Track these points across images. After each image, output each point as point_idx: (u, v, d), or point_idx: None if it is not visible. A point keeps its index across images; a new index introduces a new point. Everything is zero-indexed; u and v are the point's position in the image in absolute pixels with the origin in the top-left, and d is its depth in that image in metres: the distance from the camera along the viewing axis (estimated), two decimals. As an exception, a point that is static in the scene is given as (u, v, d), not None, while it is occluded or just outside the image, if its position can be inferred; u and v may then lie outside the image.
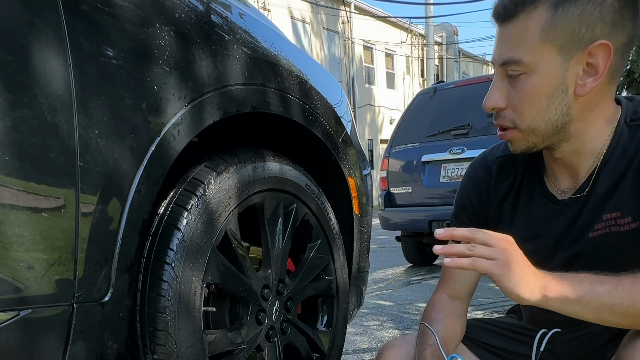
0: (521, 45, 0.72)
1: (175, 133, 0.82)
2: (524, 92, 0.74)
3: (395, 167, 4.23)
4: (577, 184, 0.82)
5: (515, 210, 0.89)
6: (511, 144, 0.81)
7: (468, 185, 0.94)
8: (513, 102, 0.75)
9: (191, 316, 0.88)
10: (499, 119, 0.78)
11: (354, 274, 1.39)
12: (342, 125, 1.29)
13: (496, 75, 0.77)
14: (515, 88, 0.75)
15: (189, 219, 0.87)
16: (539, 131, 0.77)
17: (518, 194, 0.89)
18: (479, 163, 0.95)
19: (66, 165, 0.69)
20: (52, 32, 0.68)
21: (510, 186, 0.90)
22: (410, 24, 18.09)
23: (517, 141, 0.79)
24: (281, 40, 1.13)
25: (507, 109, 0.76)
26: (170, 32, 0.82)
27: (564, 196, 0.83)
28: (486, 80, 4.08)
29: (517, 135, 0.78)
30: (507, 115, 0.77)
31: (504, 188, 0.90)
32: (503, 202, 0.90)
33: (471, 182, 0.94)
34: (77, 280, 0.72)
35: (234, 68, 0.93)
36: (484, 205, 0.92)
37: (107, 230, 0.75)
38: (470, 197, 0.93)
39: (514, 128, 0.77)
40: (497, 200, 0.91)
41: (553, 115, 0.75)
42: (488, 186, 0.91)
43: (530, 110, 0.75)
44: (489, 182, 0.91)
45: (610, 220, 0.78)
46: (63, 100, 0.69)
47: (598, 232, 0.79)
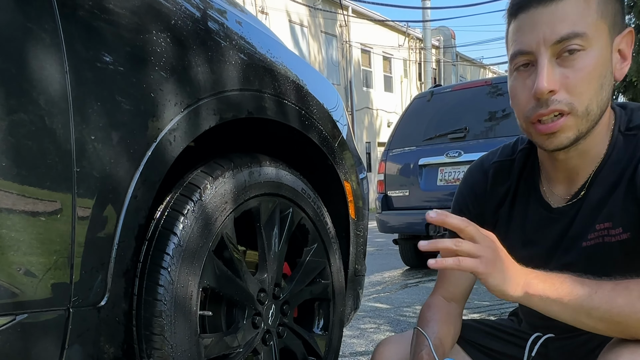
0: (583, 19, 0.69)
1: (171, 138, 0.83)
2: (584, 70, 0.70)
3: (393, 171, 4.24)
4: (571, 191, 0.82)
5: (512, 216, 0.89)
6: (558, 135, 0.74)
7: (465, 190, 0.95)
8: (570, 82, 0.71)
9: (187, 320, 0.88)
10: (554, 103, 0.72)
11: (351, 278, 1.40)
12: (338, 130, 1.30)
13: (543, 57, 0.71)
14: (572, 67, 0.70)
15: (185, 223, 0.88)
16: (592, 115, 0.73)
17: (514, 199, 0.89)
18: (475, 167, 0.95)
19: (63, 170, 0.70)
20: (49, 38, 0.69)
21: (506, 191, 0.90)
22: (408, 28, 18.15)
23: (569, 129, 0.73)
24: (277, 45, 1.14)
25: (561, 92, 0.71)
26: (167, 38, 0.83)
27: (558, 204, 0.83)
28: (482, 84, 4.10)
29: (570, 122, 0.73)
30: (563, 99, 0.71)
31: (501, 193, 0.90)
32: (499, 207, 0.91)
33: (468, 187, 0.94)
34: (73, 284, 0.73)
35: (230, 74, 0.94)
36: (481, 209, 0.93)
37: (103, 235, 0.75)
38: (467, 201, 0.94)
39: (569, 113, 0.72)
40: (493, 204, 0.91)
41: (604, 98, 0.73)
42: (484, 190, 0.92)
43: (588, 90, 0.71)
44: (485, 186, 0.92)
45: (602, 230, 0.78)
46: (60, 106, 0.69)
47: (591, 241, 0.79)
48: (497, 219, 0.91)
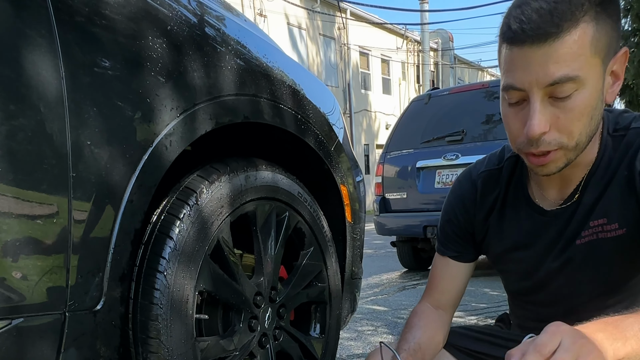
0: (575, 61, 0.68)
1: (167, 143, 0.84)
2: (576, 109, 0.70)
3: (390, 173, 4.25)
4: (564, 195, 0.83)
5: (502, 223, 0.90)
6: (546, 167, 0.75)
7: (454, 200, 0.96)
8: (560, 122, 0.71)
9: (183, 324, 0.89)
10: (543, 144, 0.72)
11: (347, 281, 1.40)
12: (334, 134, 1.30)
13: (535, 98, 0.71)
14: (564, 107, 0.71)
15: (181, 227, 0.88)
16: (581, 146, 0.74)
17: (503, 206, 0.90)
18: (464, 178, 0.96)
19: (58, 174, 0.70)
20: (45, 43, 0.70)
21: (495, 199, 0.91)
22: (406, 31, 18.20)
23: (557, 161, 0.75)
24: (273, 50, 1.15)
25: (551, 132, 0.72)
26: (163, 43, 0.84)
27: (551, 207, 0.84)
28: (480, 87, 4.11)
29: (559, 155, 0.74)
30: (553, 139, 0.72)
31: (489, 202, 0.91)
32: (489, 215, 0.92)
33: (457, 197, 0.95)
34: (69, 288, 0.73)
35: (226, 79, 0.95)
36: (470, 219, 0.94)
37: (99, 239, 0.76)
38: (456, 211, 0.95)
39: (558, 149, 0.73)
40: (482, 214, 0.92)
41: (594, 126, 0.74)
42: (474, 200, 0.93)
43: (578, 126, 0.72)
44: (474, 196, 0.93)
45: (597, 227, 0.79)
46: (55, 111, 0.70)
47: (585, 238, 0.81)
48: (487, 227, 0.92)
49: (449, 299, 0.94)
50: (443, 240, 0.97)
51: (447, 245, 0.96)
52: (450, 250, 0.96)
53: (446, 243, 0.96)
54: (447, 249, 0.96)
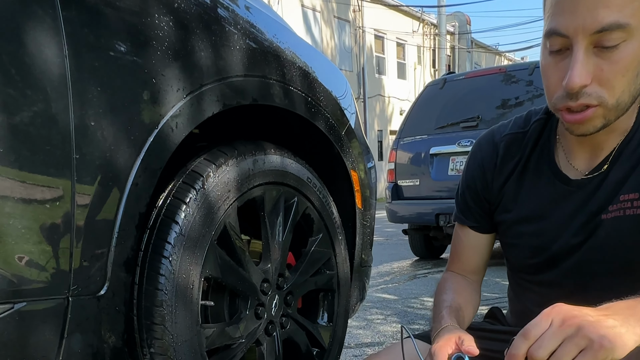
0: (627, 7, 0.63)
1: (173, 125, 0.81)
2: (621, 62, 0.66)
3: (403, 160, 4.20)
4: (592, 164, 0.78)
5: (520, 189, 0.85)
6: (582, 125, 0.70)
7: (472, 164, 0.91)
8: (603, 75, 0.66)
9: (189, 310, 0.87)
10: (583, 97, 0.67)
11: (356, 268, 1.38)
12: (345, 118, 1.27)
13: (579, 47, 0.66)
14: (609, 59, 0.66)
15: (187, 212, 0.87)
16: (623, 105, 0.69)
17: (523, 172, 0.85)
18: (485, 140, 0.90)
19: (62, 156, 0.69)
20: (47, 21, 0.67)
21: (516, 164, 0.85)
22: (423, 13, 17.86)
23: (596, 119, 0.69)
24: (283, 30, 1.11)
25: (592, 85, 0.67)
26: (169, 22, 0.81)
27: (576, 176, 0.79)
28: (497, 71, 4.02)
29: (598, 113, 0.69)
30: (593, 92, 0.67)
31: (510, 167, 0.86)
32: (506, 181, 0.86)
33: (476, 161, 0.90)
34: (72, 273, 0.72)
35: (235, 59, 0.92)
36: (487, 185, 0.88)
37: (103, 222, 0.74)
38: (475, 177, 0.89)
39: (597, 105, 0.68)
40: (501, 180, 0.87)
41: (638, 85, 0.69)
42: (494, 165, 0.87)
43: (622, 82, 0.67)
44: (494, 161, 0.87)
45: (626, 202, 0.74)
46: (58, 91, 0.68)
47: (612, 214, 0.75)
48: (502, 194, 0.87)
49: (475, 267, 0.91)
50: (463, 208, 0.92)
51: (467, 214, 0.91)
52: (470, 219, 0.91)
53: (465, 211, 0.91)
54: (467, 217, 0.91)
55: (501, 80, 3.91)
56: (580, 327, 0.53)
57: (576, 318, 0.54)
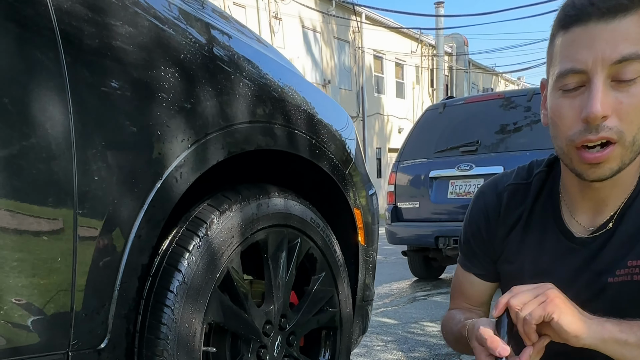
0: None
1: (177, 175, 0.81)
2: (639, 97, 0.65)
3: (403, 182, 4.20)
4: (597, 222, 0.77)
5: (523, 242, 0.84)
6: (602, 165, 0.69)
7: (476, 213, 0.90)
8: (623, 109, 0.66)
9: (190, 358, 0.86)
10: (604, 130, 0.66)
11: (359, 304, 1.37)
12: (349, 156, 1.27)
13: (598, 78, 0.65)
14: (628, 92, 0.66)
15: (190, 260, 0.86)
16: (637, 146, 0.68)
17: (527, 224, 0.84)
18: (488, 188, 0.90)
19: (64, 211, 0.68)
20: (52, 73, 0.67)
21: (519, 216, 0.85)
22: (421, 35, 18.07)
23: (613, 160, 0.69)
24: (286, 72, 1.12)
25: (612, 118, 0.66)
26: (175, 73, 0.81)
27: (581, 234, 0.78)
28: (496, 97, 4.06)
29: (616, 153, 0.68)
30: (614, 126, 0.66)
31: (513, 218, 0.85)
32: (510, 232, 0.86)
33: (480, 209, 0.90)
34: (73, 328, 0.71)
35: (239, 106, 0.92)
36: (492, 233, 0.88)
37: (105, 276, 0.74)
38: (479, 225, 0.89)
39: (615, 143, 0.67)
40: (505, 230, 0.86)
41: None
42: (497, 214, 0.87)
43: (638, 119, 0.66)
44: (498, 210, 0.87)
45: (635, 268, 0.73)
46: (61, 145, 0.68)
47: (619, 278, 0.74)
48: (505, 245, 0.87)
49: (479, 303, 0.93)
50: (468, 255, 0.92)
51: (472, 262, 0.91)
52: (476, 267, 0.91)
53: (471, 259, 0.91)
54: (473, 265, 0.91)
55: (500, 105, 3.94)
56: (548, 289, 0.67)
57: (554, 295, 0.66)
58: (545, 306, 0.64)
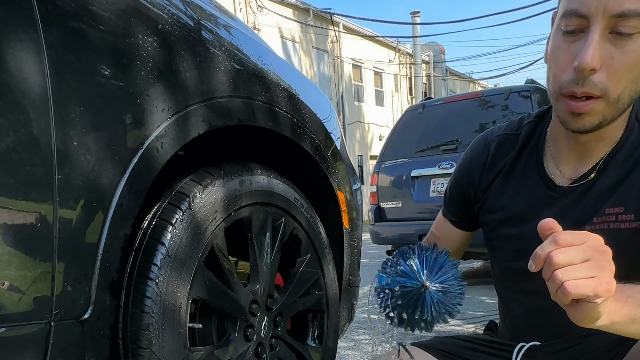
0: None
1: (158, 145, 0.81)
2: (632, 54, 0.65)
3: (385, 182, 4.23)
4: (579, 172, 0.78)
5: (504, 190, 0.85)
6: (583, 117, 0.69)
7: (463, 162, 0.92)
8: (613, 64, 0.66)
9: (176, 333, 0.85)
10: (588, 85, 0.67)
11: (345, 288, 1.37)
12: (331, 139, 1.28)
13: (595, 28, 0.65)
14: (622, 47, 0.65)
15: (173, 233, 0.85)
16: (621, 104, 0.69)
17: (509, 173, 0.84)
18: (479, 140, 0.91)
19: (43, 177, 0.67)
20: (28, 40, 0.67)
21: (503, 165, 0.85)
22: (398, 44, 18.35)
23: (595, 114, 0.69)
24: (267, 52, 1.13)
25: (600, 73, 0.66)
26: (154, 43, 0.82)
27: (562, 183, 0.79)
28: (474, 96, 4.13)
29: (598, 107, 0.68)
30: (599, 82, 0.66)
31: (499, 167, 0.86)
32: (493, 181, 0.86)
33: (466, 159, 0.91)
34: (54, 297, 0.69)
35: (220, 80, 0.92)
36: (473, 182, 0.88)
37: (86, 245, 0.72)
38: (462, 174, 0.91)
39: (599, 97, 0.67)
40: (489, 179, 0.87)
41: (638, 88, 0.69)
42: (482, 164, 0.88)
43: (627, 77, 0.66)
44: (484, 159, 0.87)
45: (611, 216, 0.74)
46: (39, 111, 0.67)
47: (596, 226, 0.75)
48: (488, 194, 0.87)
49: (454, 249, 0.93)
50: (447, 201, 0.94)
51: (450, 208, 0.93)
52: (451, 214, 0.93)
53: (449, 205, 0.94)
54: (449, 211, 0.93)
55: (478, 105, 4.02)
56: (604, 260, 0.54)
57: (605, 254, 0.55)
58: (597, 286, 0.53)
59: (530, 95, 3.75)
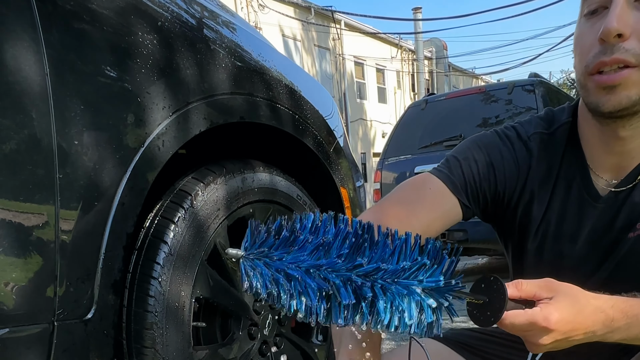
0: None
1: (159, 144, 0.80)
2: None
3: (389, 179, 4.22)
4: (620, 177, 0.71)
5: (551, 202, 0.75)
6: (618, 91, 0.63)
7: (505, 151, 0.75)
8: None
9: (180, 332, 0.85)
10: (619, 51, 0.61)
11: (349, 286, 1.36)
12: (333, 135, 1.27)
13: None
14: None
15: (176, 231, 0.85)
16: None
17: (556, 183, 0.74)
18: (511, 135, 0.76)
19: (44, 177, 0.67)
20: (28, 40, 0.67)
21: (548, 172, 0.75)
22: (400, 40, 18.29)
23: (632, 86, 0.62)
24: (269, 49, 1.12)
25: (631, 40, 0.61)
26: (154, 40, 0.81)
27: (605, 189, 0.72)
28: (477, 91, 4.11)
29: (635, 77, 0.62)
30: (631, 48, 0.61)
31: (543, 172, 0.75)
32: (541, 186, 0.75)
33: (509, 152, 0.75)
34: (57, 297, 0.69)
35: (221, 77, 0.92)
36: (517, 179, 0.75)
37: (89, 244, 0.72)
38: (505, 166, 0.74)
39: (634, 67, 0.61)
40: (533, 185, 0.75)
41: None
42: (528, 166, 0.75)
43: None
44: (528, 161, 0.75)
45: None
46: (40, 110, 0.67)
47: (638, 231, 0.69)
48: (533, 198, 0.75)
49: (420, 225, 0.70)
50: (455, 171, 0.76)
51: (454, 173, 0.75)
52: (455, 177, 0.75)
53: (454, 171, 0.76)
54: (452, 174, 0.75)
55: (481, 99, 3.99)
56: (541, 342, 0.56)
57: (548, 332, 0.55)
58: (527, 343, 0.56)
59: (534, 89, 3.73)
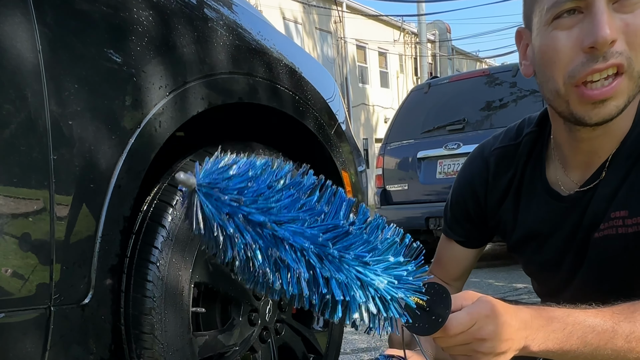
0: None
1: (156, 124, 0.78)
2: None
3: (391, 165, 4.19)
4: (587, 175, 0.72)
5: (517, 210, 0.80)
6: (608, 103, 0.63)
7: (462, 180, 0.88)
8: (630, 31, 0.60)
9: (179, 317, 0.83)
10: (613, 56, 0.60)
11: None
12: (334, 118, 1.25)
13: (599, 2, 0.60)
14: (633, 13, 0.60)
15: (174, 215, 0.83)
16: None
17: (519, 190, 0.80)
18: (474, 156, 0.87)
19: (38, 159, 0.65)
20: (19, 16, 0.64)
21: (509, 181, 0.80)
22: (403, 23, 18.07)
23: (621, 95, 0.62)
24: (269, 28, 1.09)
25: (620, 42, 0.60)
26: (150, 17, 0.78)
27: (570, 191, 0.73)
28: (480, 74, 4.05)
29: (624, 86, 0.62)
30: (622, 50, 0.60)
31: (503, 184, 0.81)
32: (502, 201, 0.82)
33: (466, 177, 0.87)
34: (53, 281, 0.68)
35: (219, 56, 0.89)
36: (479, 203, 0.85)
37: (85, 228, 0.70)
38: (464, 194, 0.86)
39: (623, 73, 0.61)
40: (494, 198, 0.82)
41: None
42: (484, 182, 0.83)
43: None
44: (485, 177, 0.83)
45: (617, 220, 0.68)
46: (32, 89, 0.64)
47: (603, 232, 0.70)
48: (502, 212, 0.83)
49: (457, 276, 0.90)
50: (450, 223, 0.90)
51: (454, 228, 0.90)
52: (457, 234, 0.89)
53: (453, 226, 0.90)
54: (454, 232, 0.90)
55: (485, 82, 3.94)
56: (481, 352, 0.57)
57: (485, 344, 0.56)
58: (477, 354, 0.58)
59: (538, 72, 3.68)
